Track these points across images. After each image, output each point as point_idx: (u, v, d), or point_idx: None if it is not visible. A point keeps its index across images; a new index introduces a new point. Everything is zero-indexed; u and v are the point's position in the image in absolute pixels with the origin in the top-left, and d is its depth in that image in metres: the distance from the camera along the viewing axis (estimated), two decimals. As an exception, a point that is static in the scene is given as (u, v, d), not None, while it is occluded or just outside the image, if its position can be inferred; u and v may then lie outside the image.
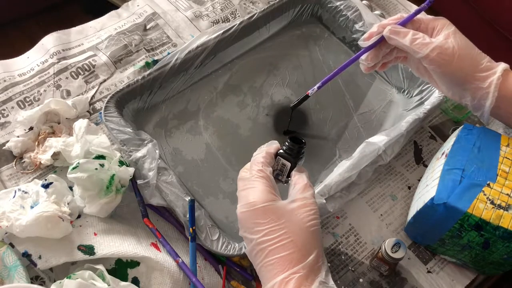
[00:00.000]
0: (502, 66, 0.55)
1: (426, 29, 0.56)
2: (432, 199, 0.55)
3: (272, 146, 0.50)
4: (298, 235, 0.43)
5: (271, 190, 0.46)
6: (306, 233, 0.44)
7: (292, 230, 0.43)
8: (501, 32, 1.28)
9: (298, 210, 0.45)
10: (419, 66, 0.59)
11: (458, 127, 0.63)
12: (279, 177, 0.50)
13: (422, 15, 0.57)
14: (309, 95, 0.61)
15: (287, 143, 0.50)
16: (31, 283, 0.53)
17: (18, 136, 0.66)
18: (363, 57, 0.59)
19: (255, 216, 0.44)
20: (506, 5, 1.22)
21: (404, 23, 0.57)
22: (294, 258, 0.42)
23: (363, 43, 0.58)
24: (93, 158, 0.59)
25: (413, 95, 0.75)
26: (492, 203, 0.52)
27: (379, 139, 0.64)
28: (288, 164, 0.49)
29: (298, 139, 0.50)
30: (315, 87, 0.60)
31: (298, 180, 0.48)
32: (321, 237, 0.46)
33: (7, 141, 0.66)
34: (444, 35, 0.54)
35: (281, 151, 0.50)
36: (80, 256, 0.53)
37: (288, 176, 0.50)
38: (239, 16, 0.85)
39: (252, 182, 0.46)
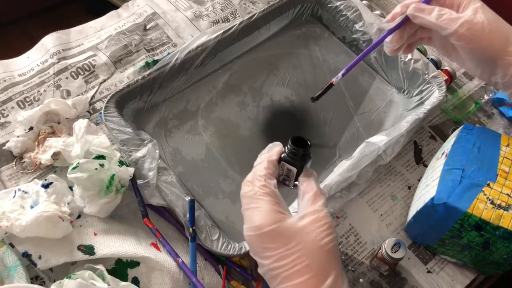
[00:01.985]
0: None
1: (451, 5, 0.53)
2: (432, 199, 0.55)
3: (274, 151, 0.46)
4: (313, 258, 0.39)
5: (278, 208, 0.42)
6: (321, 254, 0.40)
7: (306, 253, 0.40)
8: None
9: (309, 227, 0.40)
10: (445, 45, 0.56)
11: (458, 127, 0.63)
12: (286, 182, 0.46)
13: None
14: (334, 83, 0.55)
15: (289, 146, 0.45)
16: (31, 283, 0.53)
17: (18, 136, 0.66)
18: (387, 39, 0.56)
19: (262, 240, 0.41)
20: (506, 5, 1.22)
21: (428, 0, 0.54)
22: (311, 283, 0.39)
23: (386, 24, 0.56)
24: (93, 158, 0.58)
25: (413, 95, 0.75)
26: (492, 203, 0.52)
27: (379, 139, 0.64)
28: (294, 170, 0.45)
29: (302, 139, 0.46)
30: (340, 74, 0.55)
31: (307, 188, 0.44)
32: (339, 253, 0.42)
33: (7, 141, 0.66)
34: (472, 10, 0.51)
35: (284, 154, 0.45)
36: (80, 256, 0.53)
37: (296, 180, 0.46)
38: (239, 16, 0.85)
39: (255, 201, 0.42)
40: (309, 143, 0.45)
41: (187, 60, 0.71)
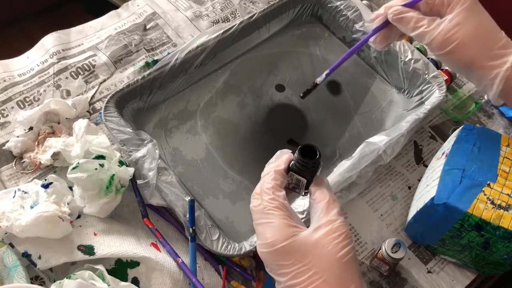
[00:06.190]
0: None
1: (442, 3, 0.51)
2: (432, 199, 0.54)
3: (282, 159, 0.44)
4: (330, 272, 0.38)
5: (289, 222, 0.40)
6: (339, 267, 0.39)
7: (323, 268, 0.38)
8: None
9: (324, 240, 0.39)
10: None
11: (458, 127, 0.63)
12: (296, 190, 0.45)
13: None
14: (318, 83, 0.56)
15: (296, 156, 0.43)
16: (31, 283, 0.53)
17: (18, 136, 0.66)
18: (371, 39, 0.56)
19: (276, 258, 0.40)
20: (506, 6, 1.22)
21: (413, 4, 0.52)
22: None
23: (368, 25, 0.55)
24: (93, 158, 0.58)
25: (413, 95, 0.75)
26: (492, 203, 0.52)
27: (379, 139, 0.64)
28: (304, 180, 0.44)
29: (311, 149, 0.43)
30: (324, 74, 0.56)
31: (319, 197, 0.42)
32: (357, 264, 0.40)
33: (7, 141, 0.66)
34: (454, 15, 0.50)
35: (293, 163, 0.43)
36: (80, 256, 0.53)
37: (306, 188, 0.44)
38: (239, 16, 0.85)
39: (266, 216, 0.41)
40: (318, 153, 0.43)
41: (187, 60, 0.71)
